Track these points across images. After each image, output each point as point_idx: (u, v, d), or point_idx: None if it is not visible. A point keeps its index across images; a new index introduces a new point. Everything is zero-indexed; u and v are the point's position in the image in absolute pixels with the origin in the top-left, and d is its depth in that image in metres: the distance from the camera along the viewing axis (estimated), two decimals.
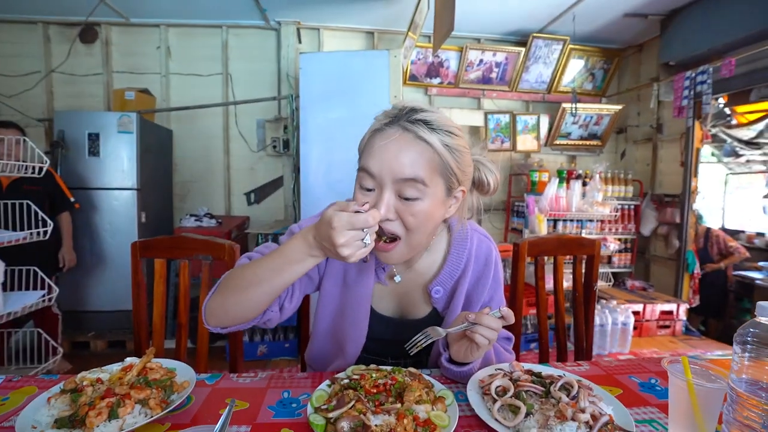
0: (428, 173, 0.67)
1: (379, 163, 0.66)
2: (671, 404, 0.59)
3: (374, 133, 0.70)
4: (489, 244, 0.88)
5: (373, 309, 0.85)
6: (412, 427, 0.55)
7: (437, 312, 0.85)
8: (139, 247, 1.13)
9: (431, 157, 0.67)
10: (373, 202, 0.68)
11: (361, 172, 0.69)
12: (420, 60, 3.45)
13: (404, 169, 0.65)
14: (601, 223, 3.36)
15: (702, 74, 2.84)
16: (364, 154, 0.70)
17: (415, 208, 0.67)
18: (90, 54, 3.29)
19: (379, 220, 0.62)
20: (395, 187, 0.67)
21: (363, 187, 0.69)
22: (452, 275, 0.83)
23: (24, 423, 0.57)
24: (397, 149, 0.66)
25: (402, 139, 0.66)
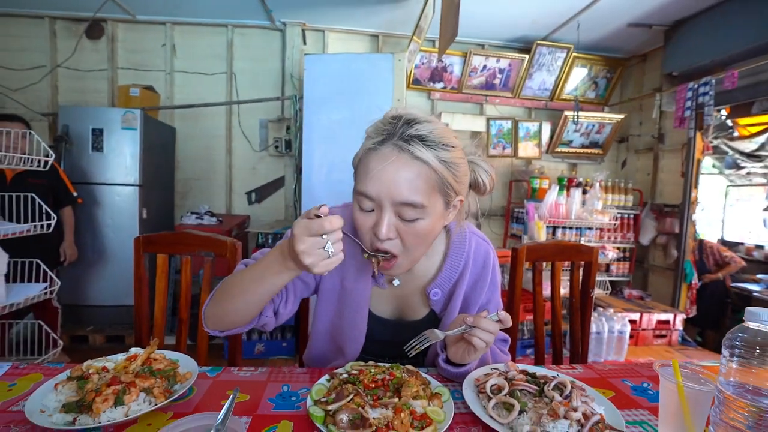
0: (426, 194, 0.66)
1: (376, 187, 0.65)
2: (661, 405, 0.60)
3: (368, 153, 0.67)
4: (487, 247, 0.89)
5: (371, 312, 0.86)
6: (409, 420, 0.56)
7: (435, 314, 0.86)
8: (142, 242, 1.15)
9: (429, 176, 0.66)
10: (374, 221, 0.67)
11: (359, 195, 0.68)
12: (424, 64, 3.48)
13: (403, 193, 0.64)
14: (600, 232, 3.38)
15: (704, 85, 2.87)
16: (359, 175, 0.69)
17: (415, 227, 0.68)
18: (96, 50, 3.32)
19: (341, 226, 0.59)
20: (394, 209, 0.66)
21: (362, 208, 0.69)
22: (450, 278, 0.84)
23: (33, 407, 0.58)
24: (394, 172, 0.64)
25: (398, 161, 0.64)
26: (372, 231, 0.68)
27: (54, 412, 0.58)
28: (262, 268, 0.67)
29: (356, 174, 0.71)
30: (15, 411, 0.63)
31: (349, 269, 0.83)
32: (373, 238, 0.69)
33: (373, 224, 0.67)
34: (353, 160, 0.73)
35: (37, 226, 1.77)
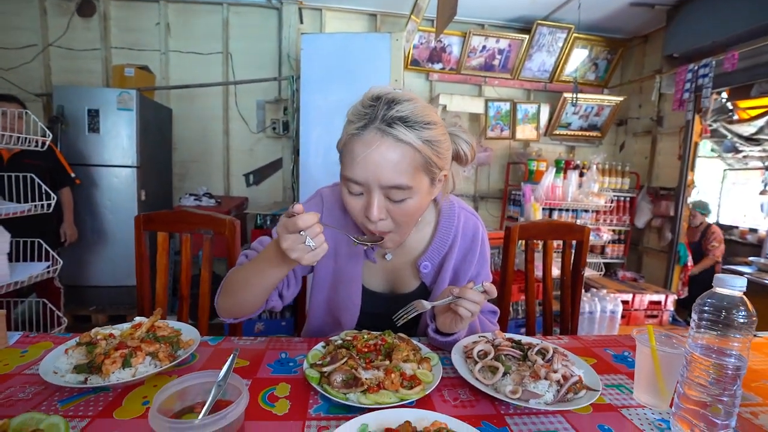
0: (412, 175, 0.68)
1: (363, 173, 0.67)
2: (637, 368, 0.64)
3: (352, 138, 0.68)
4: (476, 221, 0.91)
5: (364, 286, 0.89)
6: (399, 381, 0.60)
7: (425, 286, 0.90)
8: (142, 220, 1.17)
9: (413, 157, 0.67)
10: (364, 204, 0.70)
11: (347, 181, 0.70)
12: (422, 44, 3.44)
13: (389, 177, 0.66)
14: (596, 214, 3.41)
15: (704, 67, 2.85)
16: (345, 161, 0.70)
17: (404, 207, 0.70)
18: (88, 28, 3.26)
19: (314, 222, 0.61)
20: (383, 192, 0.69)
21: (351, 192, 0.71)
22: (440, 251, 0.87)
23: (46, 368, 0.62)
24: (379, 157, 0.65)
25: (382, 145, 0.65)
26: (363, 213, 0.71)
27: (66, 373, 0.62)
28: (262, 262, 0.71)
29: (342, 159, 0.72)
30: (29, 374, 0.67)
31: (341, 244, 0.87)
32: (365, 219, 0.72)
33: (364, 207, 0.70)
34: (337, 144, 0.74)
35: (37, 206, 1.79)
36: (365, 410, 0.56)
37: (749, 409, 0.65)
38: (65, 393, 0.61)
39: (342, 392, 0.59)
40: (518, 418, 0.60)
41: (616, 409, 0.63)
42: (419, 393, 0.60)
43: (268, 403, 0.60)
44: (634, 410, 0.63)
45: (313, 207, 0.88)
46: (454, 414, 0.57)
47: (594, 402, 0.62)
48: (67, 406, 0.58)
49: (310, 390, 0.64)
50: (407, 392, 0.60)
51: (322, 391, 0.60)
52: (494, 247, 2.87)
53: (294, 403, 0.61)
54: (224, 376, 0.50)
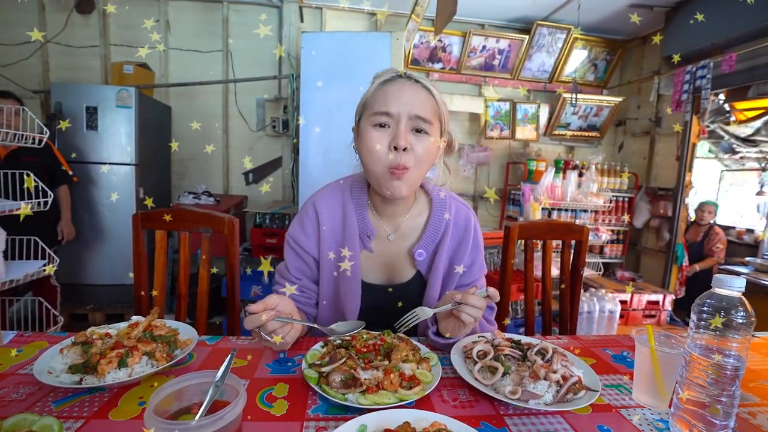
0: (432, 115, 0.81)
1: (396, 105, 0.78)
2: (636, 368, 0.64)
3: (385, 84, 0.81)
4: (467, 211, 0.95)
5: (363, 280, 0.91)
6: (398, 381, 0.60)
7: (421, 275, 0.92)
8: (140, 218, 1.16)
9: (433, 103, 0.82)
10: (391, 137, 0.79)
11: (378, 115, 0.79)
12: (422, 44, 3.43)
13: (418, 108, 0.79)
14: (594, 214, 3.42)
15: (702, 69, 2.86)
16: (376, 101, 0.80)
17: (424, 141, 0.80)
18: (87, 25, 3.24)
19: (260, 324, 0.66)
20: (409, 124, 0.79)
21: (380, 125, 0.80)
22: (433, 239, 0.90)
23: (41, 368, 0.61)
24: (411, 93, 0.80)
25: (412, 87, 0.81)
26: (388, 146, 0.79)
27: (61, 374, 0.61)
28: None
29: (370, 104, 0.82)
30: (23, 374, 0.66)
31: (339, 238, 0.90)
32: (387, 158, 0.79)
33: (390, 140, 0.79)
34: (362, 99, 0.85)
35: (34, 204, 1.78)
36: (364, 411, 0.56)
37: (747, 409, 0.65)
38: (60, 393, 0.60)
39: (341, 392, 0.58)
40: (518, 418, 0.59)
41: (616, 409, 0.63)
42: (418, 393, 0.60)
43: (266, 404, 0.60)
44: (633, 410, 0.63)
45: (306, 222, 0.91)
46: (454, 414, 0.57)
47: (593, 402, 0.62)
48: (62, 407, 0.57)
49: (308, 390, 0.64)
50: (406, 392, 0.59)
51: (321, 391, 0.60)
52: (493, 246, 2.87)
53: (292, 403, 0.60)
54: (222, 376, 0.50)
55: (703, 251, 3.59)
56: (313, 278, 0.94)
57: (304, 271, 0.93)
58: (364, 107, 0.83)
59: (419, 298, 0.91)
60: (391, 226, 0.92)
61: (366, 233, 0.89)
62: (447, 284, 0.91)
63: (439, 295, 0.91)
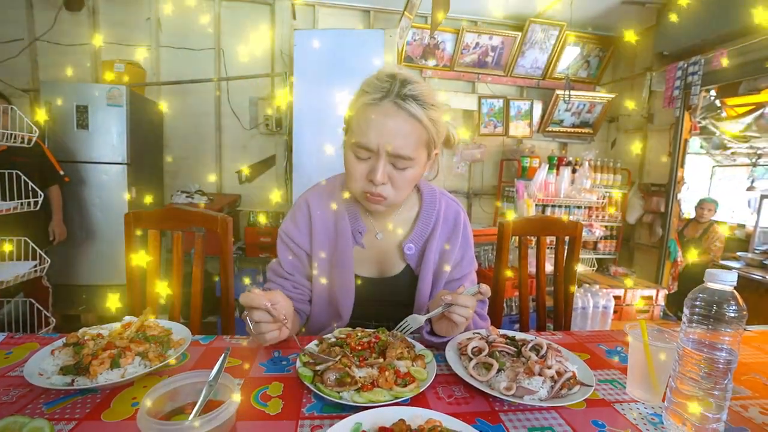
0: (416, 148, 0.76)
1: (376, 139, 0.73)
2: (630, 363, 0.65)
3: (368, 107, 0.75)
4: (457, 207, 0.96)
5: (356, 274, 0.92)
6: (393, 378, 0.60)
7: (411, 269, 0.93)
8: (132, 218, 1.15)
9: (420, 133, 0.76)
10: (369, 169, 0.77)
11: (358, 148, 0.76)
12: (416, 41, 3.42)
13: (398, 146, 0.74)
14: (588, 210, 3.44)
15: (693, 65, 2.88)
16: (358, 127, 0.76)
17: (404, 175, 0.78)
18: (76, 23, 3.19)
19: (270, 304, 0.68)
20: (389, 159, 0.76)
21: (358, 157, 0.77)
22: (423, 234, 0.91)
23: (31, 370, 0.60)
24: (393, 127, 0.73)
25: (397, 117, 0.74)
26: (366, 178, 0.78)
27: (52, 375, 0.60)
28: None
29: (352, 126, 0.78)
30: (14, 376, 0.65)
31: (332, 234, 0.91)
32: (366, 184, 0.78)
33: (368, 171, 0.77)
34: (346, 114, 0.81)
35: (24, 204, 1.75)
36: (359, 409, 0.56)
37: (740, 402, 0.66)
38: (51, 395, 0.59)
39: (335, 391, 0.58)
40: (512, 414, 0.60)
41: (610, 404, 0.64)
42: (413, 390, 0.60)
43: (260, 403, 0.60)
44: (627, 405, 0.63)
45: (299, 217, 0.92)
46: (449, 411, 0.57)
47: (588, 397, 0.62)
48: (53, 409, 0.57)
49: (303, 389, 0.64)
50: (401, 390, 0.59)
51: (316, 389, 0.59)
52: (488, 243, 2.88)
53: (287, 402, 0.60)
54: (215, 375, 0.49)
55: (700, 248, 3.63)
56: (305, 274, 0.94)
57: (296, 267, 0.93)
58: (348, 124, 0.81)
59: (411, 291, 0.92)
60: (381, 222, 0.92)
61: (357, 229, 0.90)
62: (437, 278, 0.92)
63: (430, 288, 0.91)
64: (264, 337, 0.71)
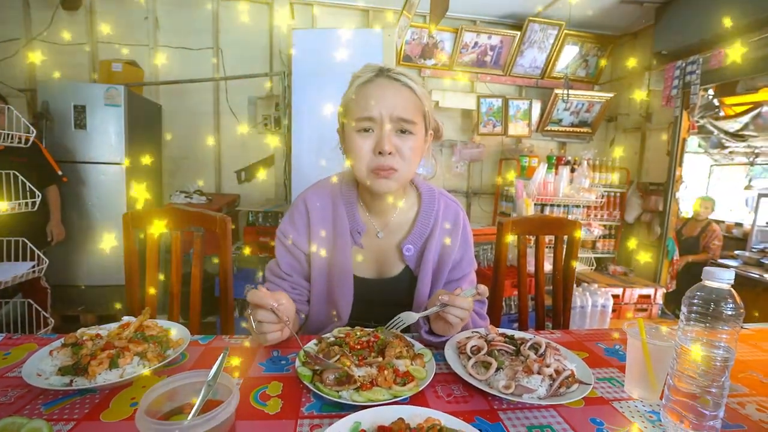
0: (416, 113, 0.80)
1: (378, 108, 0.77)
2: (628, 361, 0.65)
3: (365, 85, 0.79)
4: (456, 207, 0.95)
5: (355, 274, 0.92)
6: (392, 377, 0.60)
7: (410, 270, 0.92)
8: (131, 218, 1.15)
9: (415, 101, 0.81)
10: (374, 142, 0.79)
11: (360, 120, 0.78)
12: (414, 40, 3.42)
13: (400, 110, 0.78)
14: (587, 209, 3.44)
15: (692, 64, 2.88)
16: (358, 105, 0.79)
17: (409, 142, 0.80)
18: (73, 22, 3.18)
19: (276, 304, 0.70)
20: (393, 126, 0.78)
21: (363, 131, 0.79)
22: (422, 234, 0.91)
23: (29, 370, 0.60)
24: (393, 94, 0.78)
25: (393, 87, 0.79)
26: (374, 152, 0.79)
27: (51, 376, 0.60)
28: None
29: (350, 108, 0.81)
30: (12, 377, 0.65)
31: (329, 234, 0.90)
32: (374, 159, 0.79)
33: (374, 145, 0.78)
34: (342, 101, 0.84)
35: (21, 204, 1.75)
36: (358, 408, 0.56)
37: (736, 399, 0.66)
38: (49, 396, 0.59)
39: (334, 390, 0.58)
40: (511, 413, 0.60)
41: (608, 402, 0.64)
42: (412, 389, 0.60)
43: (259, 402, 0.60)
44: (625, 403, 0.64)
45: (297, 217, 0.92)
46: (448, 410, 0.57)
47: (586, 396, 0.62)
48: (52, 410, 0.56)
49: (302, 388, 0.64)
50: (400, 389, 0.59)
51: (315, 389, 0.59)
52: (487, 242, 2.89)
53: (286, 401, 0.60)
54: (214, 375, 0.49)
55: (698, 246, 3.64)
56: (303, 274, 0.94)
57: (294, 267, 0.93)
58: (346, 111, 0.82)
59: (410, 292, 0.92)
60: (380, 222, 0.92)
61: (356, 229, 0.89)
62: (437, 279, 0.92)
63: (429, 289, 0.91)
64: (265, 337, 0.71)
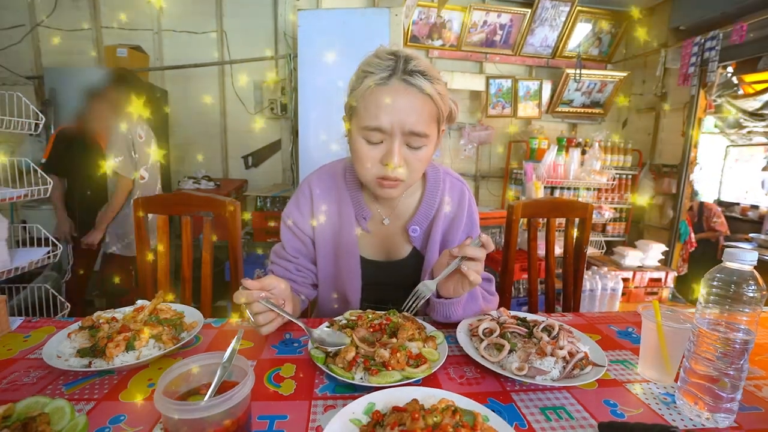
0: (429, 124, 0.74)
1: (389, 120, 0.71)
2: (642, 343, 0.64)
3: (377, 89, 0.72)
4: (462, 186, 0.94)
5: (362, 257, 0.92)
6: (405, 359, 0.60)
7: (417, 251, 0.92)
8: (141, 203, 1.16)
9: (431, 108, 0.74)
10: (382, 153, 0.74)
11: (369, 130, 0.73)
12: (422, 20, 3.33)
13: (413, 124, 0.72)
14: (597, 192, 3.39)
15: (711, 40, 2.77)
16: (368, 111, 0.72)
17: (419, 154, 0.76)
18: (77, 7, 3.15)
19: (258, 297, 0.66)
20: (404, 139, 0.74)
21: (371, 141, 0.74)
22: (427, 215, 0.90)
23: (50, 352, 0.62)
24: (406, 104, 0.71)
25: (408, 94, 0.71)
26: (380, 162, 0.75)
27: (70, 357, 0.61)
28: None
29: (359, 111, 0.75)
30: (33, 358, 0.67)
31: (335, 219, 0.90)
32: (380, 169, 0.75)
33: (382, 156, 0.74)
34: (349, 99, 0.78)
35: (33, 191, 1.77)
36: (371, 389, 0.56)
37: (753, 382, 0.66)
38: (70, 377, 0.61)
39: (348, 372, 0.59)
40: (524, 394, 0.60)
41: (621, 384, 0.63)
42: (425, 371, 0.60)
43: (273, 384, 0.61)
44: (639, 385, 0.63)
45: (302, 201, 0.91)
46: (461, 391, 0.57)
47: (600, 378, 0.62)
48: (72, 390, 0.58)
49: (315, 370, 0.64)
50: (413, 371, 0.60)
51: (328, 371, 0.60)
52: (496, 226, 2.87)
53: (300, 383, 0.61)
54: (229, 357, 0.50)
55: (703, 230, 3.59)
56: (310, 257, 0.94)
57: (300, 250, 0.93)
58: (354, 111, 0.76)
59: (419, 273, 0.92)
60: (386, 208, 0.91)
61: (362, 215, 0.89)
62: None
63: None
64: (267, 328, 0.69)
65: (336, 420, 0.48)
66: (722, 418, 0.53)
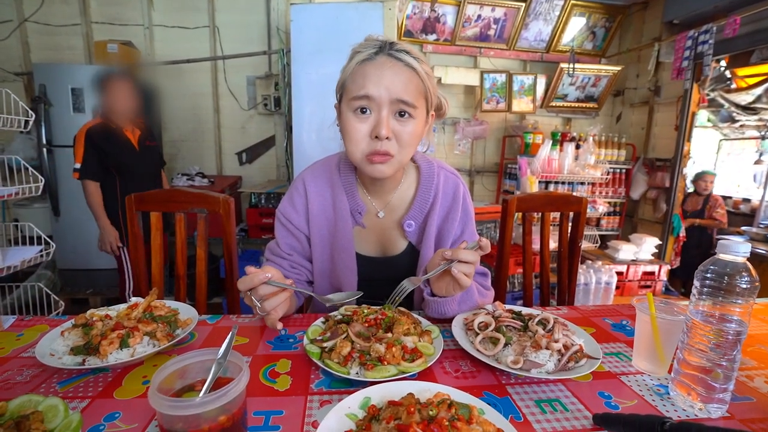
0: (416, 96, 0.76)
1: (377, 88, 0.73)
2: (636, 335, 0.65)
3: (365, 63, 0.75)
4: (456, 180, 0.94)
5: (358, 253, 0.91)
6: (400, 354, 0.60)
7: (413, 246, 0.92)
8: (134, 200, 1.14)
9: (417, 82, 0.76)
10: (372, 125, 0.75)
11: (357, 99, 0.74)
12: (416, 14, 3.31)
13: (401, 92, 0.73)
14: (591, 186, 3.41)
15: (704, 33, 2.78)
16: (356, 83, 0.75)
17: (408, 126, 0.76)
18: (66, 2, 3.09)
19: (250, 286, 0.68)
20: (392, 108, 0.74)
21: (361, 112, 0.75)
22: (422, 209, 0.90)
23: (43, 351, 0.61)
24: (393, 75, 0.74)
25: (394, 67, 0.74)
26: (370, 136, 0.75)
27: (63, 355, 0.61)
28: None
29: (348, 86, 0.77)
30: (26, 357, 0.66)
31: (330, 216, 0.90)
32: (370, 143, 0.75)
33: (371, 129, 0.75)
34: (341, 78, 0.80)
35: (25, 189, 1.74)
36: (367, 384, 0.56)
37: (745, 372, 0.67)
38: (64, 375, 0.60)
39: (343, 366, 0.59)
40: (519, 387, 0.60)
41: (616, 376, 0.64)
42: (421, 366, 0.60)
43: (269, 380, 0.60)
44: (633, 377, 0.64)
45: (296, 197, 0.91)
46: (456, 385, 0.57)
47: (594, 370, 0.62)
48: (67, 388, 0.57)
49: (311, 365, 0.64)
50: (409, 365, 0.60)
51: (324, 366, 0.60)
52: (491, 220, 2.88)
53: (295, 378, 0.61)
54: (224, 353, 0.50)
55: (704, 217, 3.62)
56: (304, 254, 0.94)
57: (295, 247, 0.93)
58: (343, 88, 0.79)
59: (414, 268, 0.92)
60: (380, 202, 0.91)
61: (356, 210, 0.89)
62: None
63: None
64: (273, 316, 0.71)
65: (332, 415, 0.49)
66: (715, 408, 0.54)
